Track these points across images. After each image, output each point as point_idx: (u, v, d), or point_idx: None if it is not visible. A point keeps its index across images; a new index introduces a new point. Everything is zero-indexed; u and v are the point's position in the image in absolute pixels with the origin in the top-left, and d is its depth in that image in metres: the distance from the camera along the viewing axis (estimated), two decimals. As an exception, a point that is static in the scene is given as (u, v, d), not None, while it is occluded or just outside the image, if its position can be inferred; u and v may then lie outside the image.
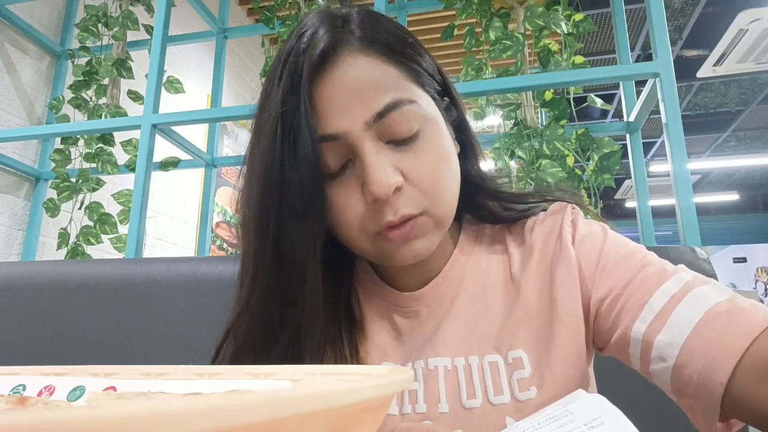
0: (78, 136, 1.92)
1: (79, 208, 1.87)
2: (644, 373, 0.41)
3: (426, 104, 0.44)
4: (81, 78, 1.97)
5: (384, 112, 0.41)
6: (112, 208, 1.86)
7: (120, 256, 2.00)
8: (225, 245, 3.03)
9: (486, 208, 0.50)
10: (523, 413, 0.40)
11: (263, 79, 2.07)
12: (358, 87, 0.41)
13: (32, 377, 0.26)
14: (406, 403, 0.45)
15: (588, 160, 1.52)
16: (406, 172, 0.42)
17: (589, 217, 0.50)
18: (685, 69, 3.73)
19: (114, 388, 0.25)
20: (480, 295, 0.47)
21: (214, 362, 0.47)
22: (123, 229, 1.83)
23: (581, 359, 0.43)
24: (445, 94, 0.49)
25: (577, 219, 0.48)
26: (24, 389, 0.26)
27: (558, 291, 0.44)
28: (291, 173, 0.40)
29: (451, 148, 0.46)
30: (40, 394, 0.25)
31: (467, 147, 0.51)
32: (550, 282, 0.45)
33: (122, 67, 1.92)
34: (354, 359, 0.46)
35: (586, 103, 1.61)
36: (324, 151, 0.41)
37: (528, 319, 0.45)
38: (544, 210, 0.51)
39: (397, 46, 0.44)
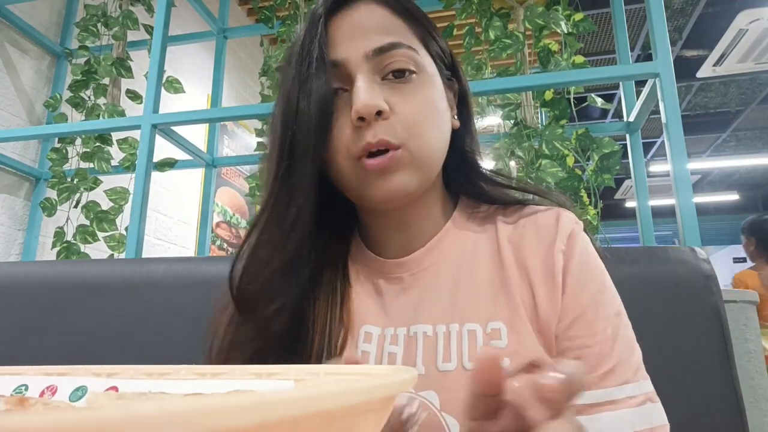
0: (75, 136, 1.92)
1: (75, 207, 1.86)
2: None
3: (425, 59, 0.49)
4: (80, 77, 1.97)
5: (383, 48, 0.46)
6: (106, 206, 1.85)
7: (116, 254, 2.00)
8: (225, 245, 3.03)
9: (479, 187, 0.53)
10: None
11: (262, 79, 2.07)
12: (366, 26, 0.47)
13: (34, 377, 0.26)
14: (385, 362, 0.47)
15: (588, 160, 1.52)
16: (392, 104, 0.45)
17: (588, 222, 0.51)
18: (685, 69, 3.73)
19: (116, 389, 0.25)
20: (466, 268, 0.49)
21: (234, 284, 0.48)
22: (117, 227, 1.82)
23: (551, 337, 0.44)
24: (452, 73, 0.53)
25: (578, 232, 0.48)
26: (26, 389, 0.26)
27: (539, 284, 0.45)
28: (304, 89, 0.45)
29: (442, 106, 0.49)
30: (42, 394, 0.25)
31: (466, 126, 0.54)
32: (535, 271, 0.46)
33: (122, 66, 1.92)
34: (341, 312, 0.49)
35: (586, 103, 1.61)
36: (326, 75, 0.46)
37: (509, 295, 0.46)
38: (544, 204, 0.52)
39: (412, 10, 0.50)
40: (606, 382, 0.41)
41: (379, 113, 0.44)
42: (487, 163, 0.56)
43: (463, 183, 0.54)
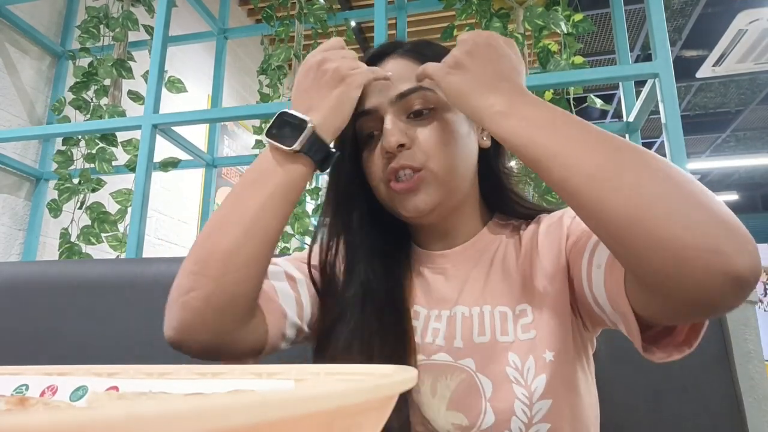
0: (79, 137, 1.92)
1: (79, 208, 1.87)
2: (590, 300, 0.48)
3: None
4: (81, 79, 1.97)
5: (404, 93, 0.55)
6: (113, 209, 1.86)
7: (116, 255, 2.00)
8: (225, 245, 3.02)
9: (509, 203, 0.62)
10: (523, 349, 0.50)
11: (261, 77, 2.07)
12: (394, 77, 0.56)
13: (35, 377, 0.26)
14: (429, 334, 0.55)
15: (588, 160, 1.52)
16: (413, 137, 0.55)
17: None
18: (685, 69, 3.73)
19: (116, 388, 0.25)
20: (497, 263, 0.58)
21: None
22: (120, 228, 1.83)
23: (566, 316, 0.52)
24: None
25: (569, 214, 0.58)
26: (27, 389, 0.26)
27: (552, 267, 0.54)
28: (345, 142, 0.58)
29: (463, 130, 0.57)
30: (42, 394, 0.25)
31: (498, 145, 0.62)
32: (550, 261, 0.54)
33: (122, 67, 1.92)
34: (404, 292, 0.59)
35: (585, 104, 1.61)
36: (362, 123, 0.57)
37: (532, 284, 0.54)
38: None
39: (434, 55, 0.57)
40: None
41: (401, 146, 0.54)
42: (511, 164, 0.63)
43: (497, 201, 0.63)
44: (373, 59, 0.60)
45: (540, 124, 0.44)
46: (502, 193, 0.63)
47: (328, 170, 0.56)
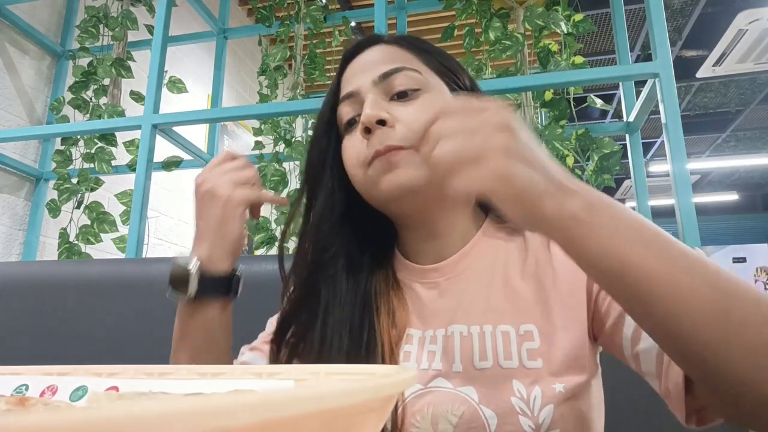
0: (78, 137, 1.92)
1: (78, 208, 1.87)
2: (633, 358, 0.44)
3: (431, 78, 0.53)
4: (80, 79, 1.97)
5: (388, 73, 0.51)
6: (114, 208, 1.86)
7: (121, 255, 2.00)
8: (225, 245, 3.03)
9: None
10: (528, 378, 0.45)
11: (261, 78, 2.07)
12: (375, 60, 0.53)
13: (35, 377, 0.26)
14: (424, 360, 0.49)
15: (588, 160, 1.52)
16: (398, 115, 0.50)
17: None
18: (685, 69, 3.72)
19: (116, 388, 0.25)
20: (498, 274, 0.51)
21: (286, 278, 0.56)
22: (126, 229, 1.83)
23: (584, 344, 0.47)
24: (470, 92, 0.58)
25: None
26: (27, 389, 0.26)
27: (567, 281, 0.48)
28: (319, 130, 0.55)
29: None
30: (42, 394, 0.25)
31: None
32: (563, 274, 0.49)
33: (121, 66, 1.92)
34: (394, 317, 0.53)
35: (585, 104, 1.61)
36: (342, 108, 0.53)
37: (541, 300, 0.48)
38: None
39: (424, 47, 0.55)
40: None
41: (382, 123, 0.49)
42: None
43: (490, 206, 0.57)
44: (356, 50, 0.56)
45: (630, 236, 0.32)
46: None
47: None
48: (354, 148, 0.52)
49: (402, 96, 0.51)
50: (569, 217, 0.33)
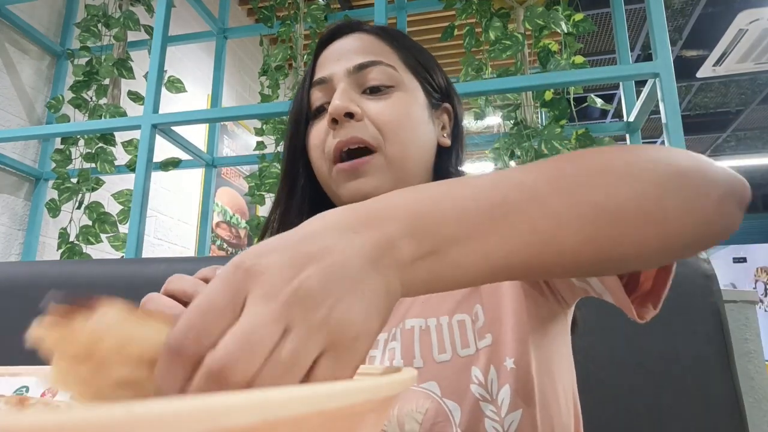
0: (78, 137, 1.92)
1: (78, 208, 1.87)
2: (585, 290, 0.44)
3: (405, 75, 0.53)
4: (81, 78, 1.97)
5: (363, 65, 0.51)
6: (113, 208, 1.86)
7: (119, 255, 2.00)
8: (225, 245, 3.03)
9: None
10: (484, 359, 0.45)
11: (262, 78, 2.07)
12: (352, 48, 0.52)
13: (35, 378, 0.26)
14: (385, 359, 0.49)
15: (588, 160, 1.52)
16: (367, 109, 0.49)
17: None
18: (685, 69, 3.72)
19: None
20: None
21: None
22: (123, 229, 1.83)
23: (521, 303, 0.46)
24: (445, 98, 0.57)
25: None
26: (27, 390, 0.26)
27: None
28: (293, 114, 0.54)
29: (421, 117, 0.52)
30: (43, 395, 0.25)
31: (457, 145, 0.58)
32: None
33: (123, 67, 1.92)
34: None
35: (586, 103, 1.61)
36: (313, 92, 0.53)
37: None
38: None
39: (400, 39, 0.55)
40: None
41: (350, 116, 0.48)
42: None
43: None
44: (333, 34, 0.55)
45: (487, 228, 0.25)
46: None
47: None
48: (318, 137, 0.51)
49: (374, 91, 0.50)
50: (409, 260, 0.23)
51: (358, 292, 0.20)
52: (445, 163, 0.56)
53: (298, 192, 0.54)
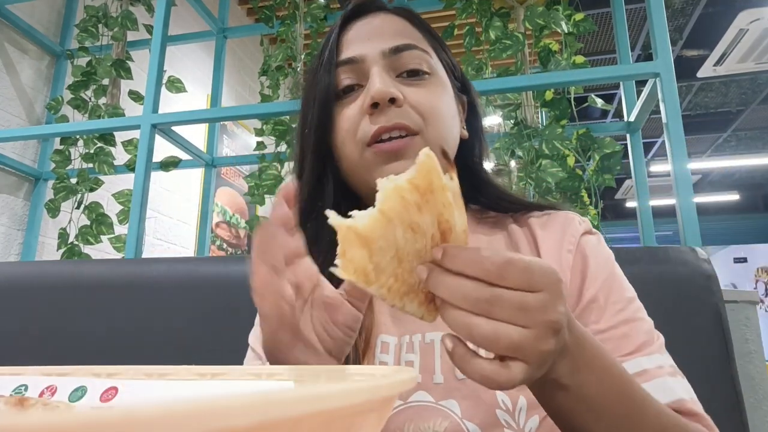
0: (77, 137, 1.92)
1: (77, 208, 1.86)
2: None
3: (438, 64, 0.51)
4: (80, 78, 1.97)
5: (400, 48, 0.48)
6: (112, 208, 1.86)
7: (119, 256, 2.00)
8: (225, 245, 3.03)
9: (489, 196, 0.54)
10: None
11: (262, 78, 2.06)
12: (385, 29, 0.50)
13: (34, 377, 0.26)
14: None
15: (589, 160, 1.52)
16: (406, 95, 0.47)
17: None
18: (686, 69, 3.72)
19: (116, 389, 0.24)
20: None
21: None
22: (123, 229, 1.82)
23: None
24: (463, 90, 0.57)
25: (585, 230, 0.50)
26: (26, 389, 0.26)
27: None
28: (313, 93, 0.50)
29: (454, 110, 0.51)
30: (41, 394, 0.25)
31: (476, 137, 0.56)
32: None
33: (121, 67, 1.92)
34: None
35: (586, 103, 1.61)
36: (339, 73, 0.49)
37: None
38: (550, 210, 0.53)
39: (426, 25, 0.53)
40: (632, 355, 0.42)
41: (393, 101, 0.46)
42: (486, 164, 0.57)
43: (472, 192, 0.54)
44: (353, 15, 0.52)
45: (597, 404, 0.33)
46: (481, 185, 0.54)
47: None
48: (350, 121, 0.48)
49: (412, 75, 0.48)
50: (551, 379, 0.31)
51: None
52: (466, 157, 0.54)
53: (329, 176, 0.50)
